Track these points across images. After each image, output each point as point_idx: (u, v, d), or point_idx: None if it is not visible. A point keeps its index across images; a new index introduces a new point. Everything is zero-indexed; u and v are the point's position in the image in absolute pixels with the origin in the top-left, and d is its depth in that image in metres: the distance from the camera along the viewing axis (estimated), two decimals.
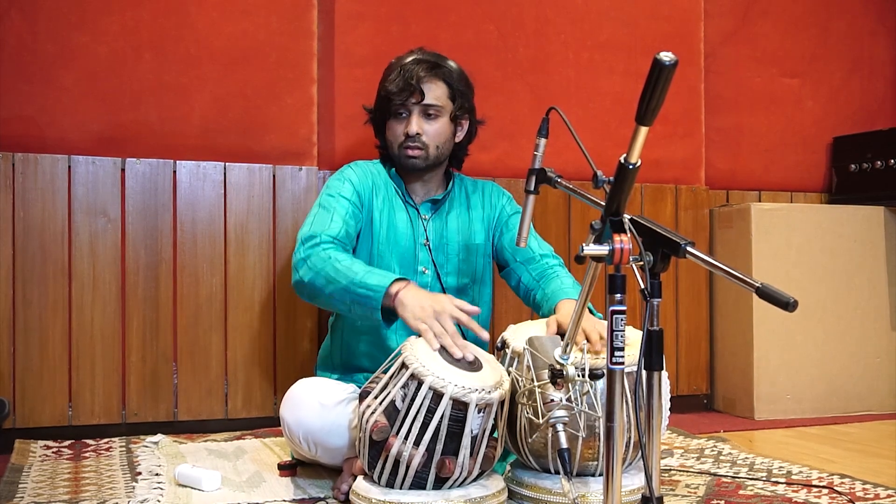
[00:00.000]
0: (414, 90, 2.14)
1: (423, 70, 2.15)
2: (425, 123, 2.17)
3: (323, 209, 2.12)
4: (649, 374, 1.35)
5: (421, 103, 2.15)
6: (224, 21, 2.77)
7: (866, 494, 1.98)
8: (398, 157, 2.19)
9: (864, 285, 3.23)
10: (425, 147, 2.17)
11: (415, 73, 2.14)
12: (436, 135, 2.18)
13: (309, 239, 2.03)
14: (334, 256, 1.97)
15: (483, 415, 1.70)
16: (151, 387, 2.68)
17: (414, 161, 2.17)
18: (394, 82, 2.15)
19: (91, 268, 2.63)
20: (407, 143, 2.16)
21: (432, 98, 2.16)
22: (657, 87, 1.21)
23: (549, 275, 2.21)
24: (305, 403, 1.94)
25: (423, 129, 2.16)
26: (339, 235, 2.05)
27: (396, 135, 2.18)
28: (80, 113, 2.64)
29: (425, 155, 2.17)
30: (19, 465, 2.25)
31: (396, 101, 2.16)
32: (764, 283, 1.27)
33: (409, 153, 2.16)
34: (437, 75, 2.17)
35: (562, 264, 2.27)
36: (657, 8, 3.25)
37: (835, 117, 3.59)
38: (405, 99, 2.14)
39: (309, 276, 1.98)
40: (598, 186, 1.53)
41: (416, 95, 2.14)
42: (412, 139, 2.15)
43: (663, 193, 3.25)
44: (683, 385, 3.25)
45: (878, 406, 3.22)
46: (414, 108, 2.16)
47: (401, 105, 2.16)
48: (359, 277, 1.90)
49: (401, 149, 2.17)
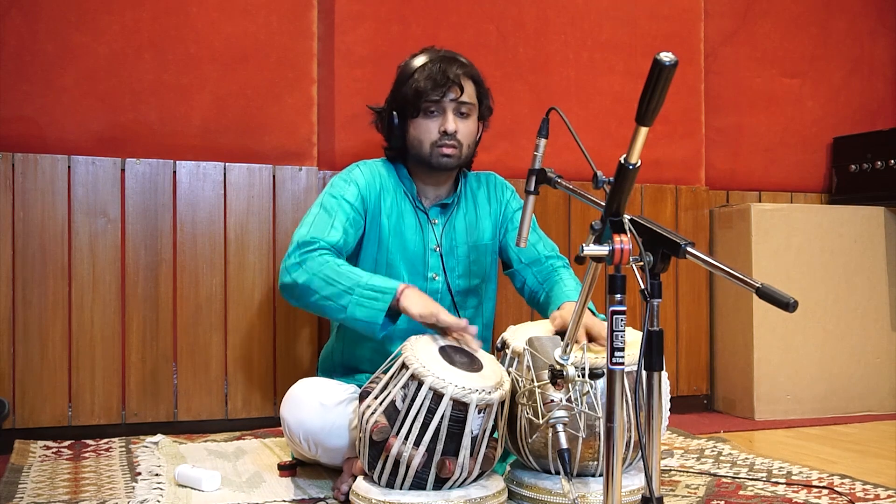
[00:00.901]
0: (452, 85, 2.06)
1: (457, 67, 2.09)
2: (460, 122, 2.10)
3: (324, 211, 2.07)
4: (649, 375, 1.35)
5: (458, 100, 2.08)
6: (224, 21, 2.77)
7: (866, 495, 1.98)
8: (429, 155, 2.10)
9: (864, 285, 3.23)
10: (460, 146, 2.10)
11: (450, 69, 2.07)
12: (469, 133, 2.13)
13: (306, 244, 1.97)
14: (332, 261, 1.95)
15: (483, 415, 1.70)
16: (151, 387, 2.68)
17: (448, 160, 2.10)
18: (429, 79, 2.06)
19: (91, 268, 2.63)
20: (443, 140, 2.08)
21: (467, 96, 2.10)
22: (657, 88, 1.21)
23: (553, 277, 2.21)
24: (306, 404, 1.94)
25: (458, 128, 2.09)
26: (337, 244, 2.01)
27: (430, 133, 2.09)
28: (80, 113, 2.64)
29: (459, 154, 2.11)
30: (19, 465, 2.25)
31: (432, 98, 2.06)
32: (764, 284, 1.27)
33: (444, 151, 2.08)
34: (467, 74, 2.12)
35: (566, 265, 2.26)
36: (657, 8, 3.25)
37: (835, 117, 3.59)
38: (442, 95, 2.06)
39: (304, 279, 1.93)
40: (598, 187, 1.53)
41: (454, 91, 2.07)
42: (449, 137, 2.08)
43: (663, 194, 3.25)
44: (683, 385, 3.25)
45: (878, 406, 3.22)
46: (449, 105, 2.08)
47: (435, 103, 2.08)
48: (364, 280, 1.89)
49: (434, 147, 2.09)
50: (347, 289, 1.89)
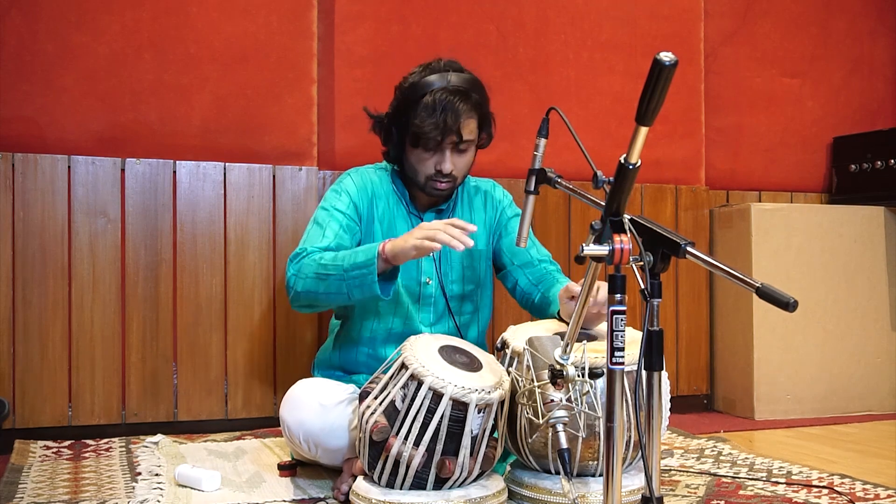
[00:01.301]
0: (451, 132, 2.04)
1: (460, 103, 2.03)
2: (457, 158, 2.10)
3: (317, 225, 2.12)
4: (649, 375, 1.35)
5: (456, 143, 2.07)
6: (224, 21, 2.77)
7: (866, 495, 1.98)
8: (423, 186, 2.12)
9: (864, 285, 3.23)
10: (454, 179, 2.12)
11: (451, 110, 2.02)
12: (464, 167, 2.14)
13: (296, 255, 2.04)
14: (316, 256, 1.99)
15: (483, 415, 1.70)
16: (151, 387, 2.68)
17: (441, 192, 2.13)
18: (430, 120, 2.02)
19: (91, 268, 2.63)
20: (437, 177, 2.09)
21: (467, 134, 2.08)
22: (657, 88, 1.21)
23: (548, 279, 2.21)
24: (305, 404, 1.94)
25: (454, 164, 2.09)
26: (328, 246, 2.04)
27: (425, 167, 2.10)
28: (80, 113, 2.64)
29: (453, 186, 2.14)
30: (19, 465, 2.25)
31: (431, 137, 2.04)
32: (764, 283, 1.27)
33: (438, 186, 2.11)
34: (471, 108, 2.07)
35: (559, 270, 2.27)
36: (657, 8, 3.25)
37: (835, 117, 3.59)
38: (441, 139, 2.04)
39: (301, 285, 1.99)
40: (598, 186, 1.53)
41: (452, 136, 2.05)
42: (444, 175, 2.09)
43: (663, 193, 3.25)
44: (683, 385, 3.25)
45: (878, 406, 3.22)
46: (448, 146, 2.07)
47: (434, 141, 2.05)
48: (348, 262, 1.92)
49: (429, 181, 2.11)
50: (338, 277, 1.92)
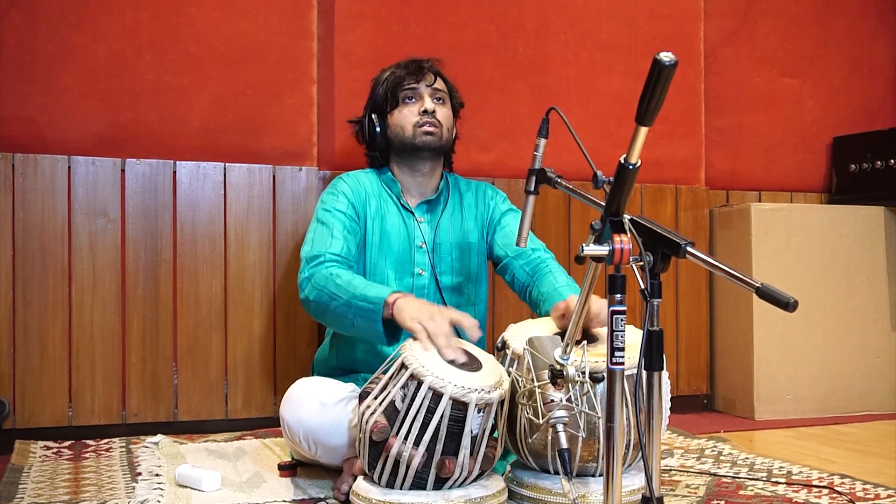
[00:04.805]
0: (426, 72, 2.23)
1: (424, 62, 2.26)
2: (437, 105, 2.24)
3: (322, 225, 2.14)
4: (649, 375, 1.35)
5: (432, 86, 2.23)
6: (224, 21, 2.77)
7: (866, 494, 1.98)
8: (413, 136, 2.21)
9: (864, 285, 3.23)
10: (440, 126, 2.22)
11: (418, 61, 2.25)
12: (446, 118, 2.26)
13: (313, 259, 2.06)
14: (335, 273, 2.00)
15: (483, 415, 1.70)
16: (151, 387, 2.68)
17: (430, 138, 2.21)
18: (401, 71, 2.24)
19: (91, 268, 2.63)
20: (424, 119, 2.20)
21: (440, 84, 2.27)
22: (657, 88, 1.21)
23: (542, 269, 2.21)
24: (305, 402, 1.94)
25: (437, 110, 2.23)
26: (341, 253, 2.08)
27: (411, 116, 2.22)
28: (80, 113, 2.64)
29: (440, 133, 2.22)
30: (19, 465, 2.25)
31: (409, 85, 2.22)
32: (764, 283, 1.27)
33: (426, 129, 2.20)
34: (437, 70, 2.29)
35: (553, 258, 2.27)
36: (657, 8, 3.25)
37: (835, 117, 3.59)
38: (417, 81, 2.22)
39: (314, 295, 2.00)
40: (598, 187, 1.53)
41: (429, 77, 2.23)
42: (429, 115, 2.20)
43: (663, 193, 3.25)
44: (683, 385, 3.25)
45: (878, 406, 3.22)
46: (426, 90, 2.23)
47: (412, 89, 2.22)
48: (359, 291, 1.92)
49: (416, 128, 2.21)
50: (347, 301, 1.93)
